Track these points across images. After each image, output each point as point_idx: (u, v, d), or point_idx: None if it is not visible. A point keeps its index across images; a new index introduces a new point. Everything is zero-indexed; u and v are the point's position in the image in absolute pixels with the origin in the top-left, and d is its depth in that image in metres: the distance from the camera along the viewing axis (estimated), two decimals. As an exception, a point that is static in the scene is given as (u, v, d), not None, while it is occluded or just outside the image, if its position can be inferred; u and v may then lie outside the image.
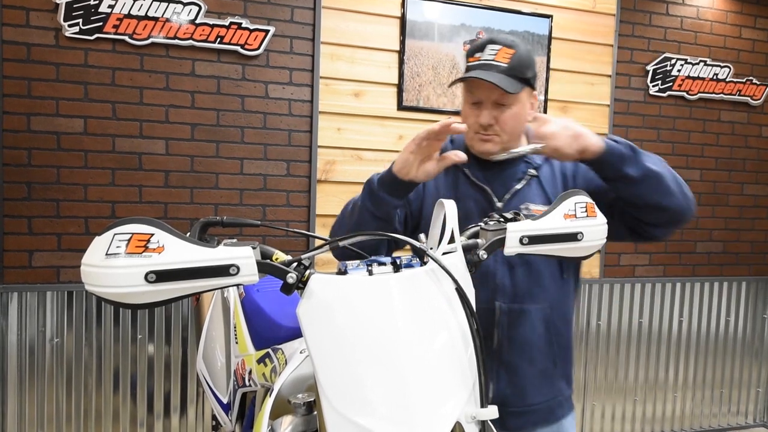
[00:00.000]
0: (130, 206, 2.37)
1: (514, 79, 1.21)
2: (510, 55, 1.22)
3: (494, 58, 1.22)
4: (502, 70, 1.21)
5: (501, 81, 1.19)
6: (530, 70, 1.26)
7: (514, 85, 1.21)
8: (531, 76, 1.26)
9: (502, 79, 1.19)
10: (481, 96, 1.24)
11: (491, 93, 1.22)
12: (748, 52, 3.22)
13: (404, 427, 0.76)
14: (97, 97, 2.31)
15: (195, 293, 0.79)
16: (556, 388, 1.35)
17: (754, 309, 3.37)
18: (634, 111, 3.05)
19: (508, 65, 1.21)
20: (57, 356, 2.34)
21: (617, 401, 3.15)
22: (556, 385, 1.35)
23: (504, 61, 1.21)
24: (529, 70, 1.25)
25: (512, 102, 1.23)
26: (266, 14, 2.47)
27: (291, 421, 1.00)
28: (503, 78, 1.20)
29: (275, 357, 1.25)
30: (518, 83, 1.22)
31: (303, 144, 2.56)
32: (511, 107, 1.24)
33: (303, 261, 0.84)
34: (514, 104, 1.24)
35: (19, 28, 2.22)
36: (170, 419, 2.48)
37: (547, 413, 1.34)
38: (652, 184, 1.16)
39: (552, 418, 1.35)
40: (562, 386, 1.37)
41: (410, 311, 0.83)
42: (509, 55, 1.22)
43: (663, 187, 1.17)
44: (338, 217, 1.35)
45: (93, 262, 0.74)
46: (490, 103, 1.23)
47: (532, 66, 1.27)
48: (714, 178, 3.23)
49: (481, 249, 0.95)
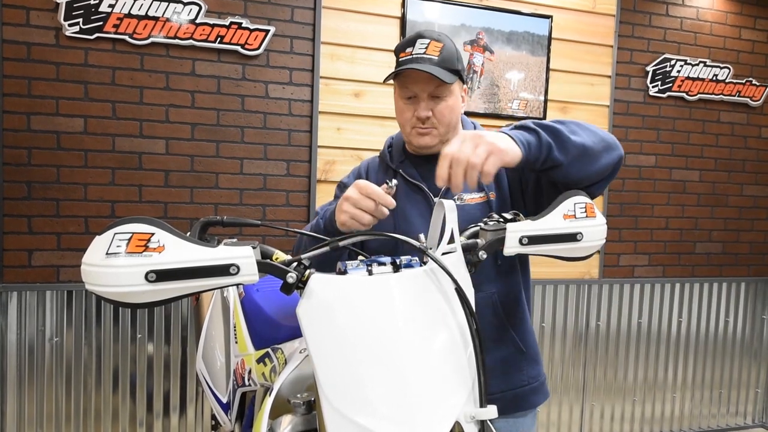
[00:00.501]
0: (130, 206, 2.37)
1: (447, 71, 1.23)
2: (439, 48, 1.24)
3: (425, 51, 1.23)
4: (435, 62, 1.22)
5: (437, 72, 1.21)
6: (459, 63, 1.28)
7: (449, 76, 1.22)
8: (461, 68, 1.28)
9: (438, 71, 1.21)
10: (416, 89, 1.25)
11: (427, 86, 1.24)
12: (747, 53, 3.23)
13: (404, 426, 0.76)
14: (97, 97, 2.31)
15: (195, 293, 0.79)
16: (526, 375, 1.34)
17: (753, 310, 3.38)
18: (634, 112, 3.05)
19: (439, 57, 1.23)
20: (56, 356, 2.34)
21: (616, 401, 3.15)
22: (525, 372, 1.34)
23: (435, 54, 1.23)
24: (458, 62, 1.27)
25: (447, 94, 1.25)
26: (266, 14, 2.47)
27: (290, 420, 1.00)
28: (438, 69, 1.22)
29: (275, 356, 1.25)
30: (451, 74, 1.23)
31: (303, 144, 2.56)
32: (446, 99, 1.26)
33: (303, 261, 0.84)
34: (449, 96, 1.26)
35: (20, 27, 2.22)
36: (170, 419, 2.48)
37: (513, 401, 1.32)
38: (583, 159, 1.09)
39: (524, 405, 1.34)
40: (531, 372, 1.35)
41: (410, 311, 0.83)
42: (439, 48, 1.24)
43: (593, 156, 1.11)
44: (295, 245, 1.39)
45: (93, 261, 0.74)
46: (425, 95, 1.25)
47: (461, 59, 1.29)
48: (713, 179, 3.23)
49: (481, 249, 0.95)
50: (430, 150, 1.31)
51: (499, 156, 0.98)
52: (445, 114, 1.27)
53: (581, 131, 1.11)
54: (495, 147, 0.98)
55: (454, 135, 1.29)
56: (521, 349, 1.33)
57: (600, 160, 1.12)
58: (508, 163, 1.01)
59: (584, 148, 1.08)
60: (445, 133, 1.29)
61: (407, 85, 1.27)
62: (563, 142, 1.07)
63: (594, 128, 1.15)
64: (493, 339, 1.29)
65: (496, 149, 0.98)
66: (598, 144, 1.11)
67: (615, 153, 1.14)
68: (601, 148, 1.12)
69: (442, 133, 1.29)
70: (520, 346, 1.33)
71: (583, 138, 1.09)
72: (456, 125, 1.32)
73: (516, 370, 1.33)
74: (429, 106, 1.26)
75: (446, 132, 1.29)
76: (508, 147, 1.01)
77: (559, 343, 3.02)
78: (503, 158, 0.99)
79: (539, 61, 2.83)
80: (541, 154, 1.05)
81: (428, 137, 1.29)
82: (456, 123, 1.31)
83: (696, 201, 3.21)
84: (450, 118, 1.28)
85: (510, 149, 1.01)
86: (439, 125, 1.28)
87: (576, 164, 1.09)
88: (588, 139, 1.10)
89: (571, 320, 3.03)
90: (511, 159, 1.01)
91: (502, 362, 1.31)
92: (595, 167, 1.11)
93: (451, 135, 1.30)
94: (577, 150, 1.08)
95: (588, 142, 1.09)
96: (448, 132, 1.30)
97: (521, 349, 1.33)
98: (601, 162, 1.12)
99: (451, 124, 1.29)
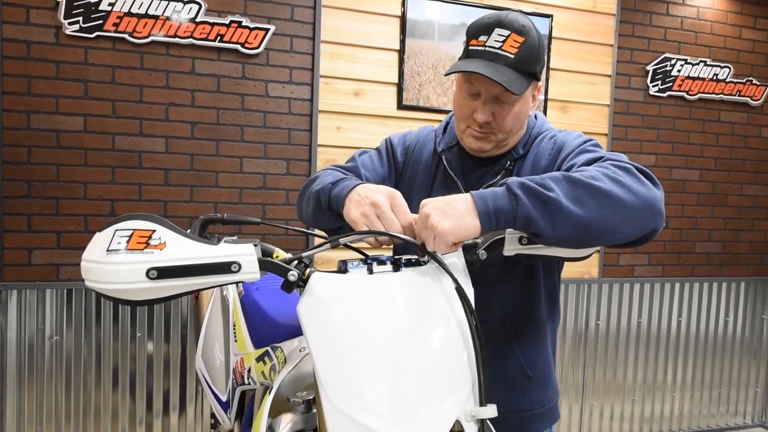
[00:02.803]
0: (129, 204, 2.37)
1: (521, 75, 1.05)
2: (519, 44, 1.04)
3: (501, 47, 1.04)
4: (509, 62, 1.04)
5: (507, 80, 1.03)
6: (539, 63, 1.09)
7: (520, 84, 1.05)
8: (539, 70, 1.10)
9: (509, 77, 1.03)
10: (481, 89, 1.08)
11: (493, 87, 1.06)
12: (748, 53, 3.23)
13: (404, 425, 0.76)
14: (97, 95, 2.31)
15: (196, 290, 0.79)
16: (530, 399, 1.21)
17: (752, 309, 3.38)
18: (634, 111, 3.05)
19: (515, 57, 1.04)
20: (56, 354, 2.34)
21: (616, 401, 3.15)
22: (528, 396, 1.21)
23: (512, 52, 1.04)
24: (538, 63, 1.08)
25: (515, 100, 1.08)
26: (266, 13, 2.47)
27: (290, 419, 1.00)
28: (509, 74, 1.04)
29: (274, 355, 1.25)
30: (525, 80, 1.06)
31: (303, 143, 2.56)
32: (513, 105, 1.09)
33: (303, 259, 0.84)
34: (517, 102, 1.09)
35: (20, 25, 2.21)
36: (169, 417, 2.48)
37: (513, 426, 1.18)
38: (582, 234, 0.87)
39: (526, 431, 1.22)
40: (537, 397, 1.22)
41: (410, 310, 0.83)
42: (518, 44, 1.04)
43: (600, 231, 0.87)
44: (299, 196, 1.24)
45: (94, 257, 0.74)
46: (489, 97, 1.08)
47: (542, 57, 1.09)
48: (713, 179, 3.23)
49: (481, 249, 0.95)
50: (481, 153, 1.18)
51: (444, 238, 0.84)
52: (508, 122, 1.11)
53: (596, 200, 0.86)
54: (438, 229, 0.84)
55: (516, 139, 1.17)
56: (526, 373, 1.19)
57: (612, 233, 0.89)
58: (462, 240, 0.87)
59: (586, 224, 0.86)
60: (504, 140, 1.14)
61: (471, 81, 1.09)
62: (553, 214, 0.85)
63: (623, 191, 0.88)
64: (495, 356, 1.16)
65: (438, 231, 0.84)
66: (615, 215, 0.87)
67: (643, 225, 0.91)
68: (621, 219, 0.87)
69: (500, 140, 1.14)
70: (525, 369, 1.19)
71: (589, 211, 0.85)
72: (520, 129, 1.17)
73: (518, 392, 1.20)
74: (491, 110, 1.09)
75: (505, 138, 1.14)
76: (456, 224, 0.84)
77: (559, 342, 3.02)
78: (449, 240, 0.85)
79: (539, 60, 2.82)
80: (515, 223, 0.87)
81: (483, 142, 1.14)
82: (521, 127, 1.17)
83: (696, 200, 3.21)
84: (513, 125, 1.12)
85: (459, 227, 0.85)
86: (499, 131, 1.12)
87: (572, 238, 0.88)
88: (600, 211, 0.86)
89: (570, 320, 3.03)
90: (464, 236, 0.86)
91: (502, 382, 1.16)
92: (602, 240, 0.90)
93: (513, 139, 1.16)
94: (574, 224, 0.85)
95: (596, 215, 0.86)
96: (508, 138, 1.15)
97: (526, 373, 1.19)
98: (614, 235, 0.89)
99: (513, 130, 1.14)
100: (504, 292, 1.17)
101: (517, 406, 1.20)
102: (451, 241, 0.85)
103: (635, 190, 0.89)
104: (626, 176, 0.91)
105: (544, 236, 0.87)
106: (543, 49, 1.10)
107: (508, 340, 1.18)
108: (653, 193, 0.92)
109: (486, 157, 1.19)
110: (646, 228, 0.92)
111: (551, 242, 0.89)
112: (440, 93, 2.71)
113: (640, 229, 0.91)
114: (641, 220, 0.90)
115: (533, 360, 1.21)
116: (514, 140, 1.18)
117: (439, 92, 2.70)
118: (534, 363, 1.21)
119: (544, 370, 1.23)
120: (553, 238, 0.87)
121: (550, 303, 1.23)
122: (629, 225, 0.89)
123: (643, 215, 0.90)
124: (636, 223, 0.90)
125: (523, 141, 1.20)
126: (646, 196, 0.90)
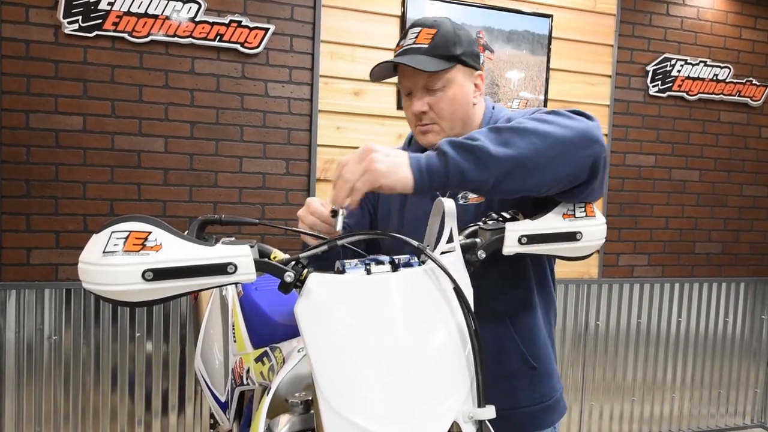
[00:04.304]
0: (128, 204, 2.37)
1: (436, 58, 1.11)
2: (431, 35, 1.13)
3: (415, 41, 1.14)
4: (422, 51, 1.12)
5: (417, 62, 1.09)
6: (458, 47, 1.13)
7: (435, 64, 1.10)
8: (462, 52, 1.14)
9: (420, 61, 1.10)
10: (409, 84, 1.16)
11: (418, 79, 1.14)
12: (748, 53, 3.22)
13: (401, 426, 0.76)
14: (96, 95, 2.31)
15: (193, 291, 0.79)
16: (538, 392, 1.20)
17: (752, 310, 3.37)
18: (634, 111, 3.05)
19: (429, 45, 1.12)
20: (55, 354, 2.34)
21: (615, 401, 3.15)
22: (537, 388, 1.20)
23: (425, 42, 1.12)
24: (456, 46, 1.13)
25: (445, 85, 1.14)
26: (266, 12, 2.47)
27: (288, 419, 0.99)
28: (422, 59, 1.10)
29: (273, 356, 1.25)
30: (443, 61, 1.12)
31: (302, 143, 2.56)
32: (444, 91, 1.14)
33: (301, 260, 0.84)
34: (448, 87, 1.14)
35: (19, 24, 2.21)
36: (168, 418, 2.48)
37: (523, 421, 1.19)
38: (520, 172, 0.90)
39: (538, 425, 1.21)
40: (545, 389, 1.21)
41: (408, 310, 0.83)
42: (431, 35, 1.13)
43: (537, 166, 0.91)
44: None
45: (90, 259, 0.74)
46: (419, 89, 1.15)
47: (463, 42, 1.15)
48: (713, 179, 3.23)
49: (480, 248, 0.95)
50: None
51: (373, 176, 0.86)
52: (444, 107, 1.15)
53: (523, 138, 0.91)
54: (372, 166, 0.86)
55: (469, 128, 1.18)
56: (530, 363, 1.19)
57: (552, 168, 0.92)
58: (389, 187, 0.88)
59: (519, 161, 0.89)
60: (451, 128, 1.17)
61: (402, 81, 1.18)
62: (482, 159, 0.88)
63: (551, 127, 0.93)
64: (495, 349, 1.17)
65: (372, 168, 0.86)
66: (549, 149, 0.91)
67: (580, 154, 0.93)
68: (555, 153, 0.91)
69: (446, 128, 1.17)
70: (528, 360, 1.19)
71: (519, 148, 0.90)
72: (465, 117, 1.19)
73: (525, 385, 1.19)
74: (425, 101, 1.15)
75: (451, 126, 1.17)
76: (390, 169, 0.87)
77: (559, 342, 3.01)
78: (378, 179, 0.86)
79: (539, 60, 2.82)
80: (448, 179, 0.89)
81: (431, 135, 1.18)
82: (464, 115, 1.18)
83: (695, 201, 3.20)
84: (452, 111, 1.16)
85: (392, 172, 0.87)
86: (441, 120, 1.16)
87: (511, 179, 0.90)
88: (530, 147, 0.90)
89: (570, 320, 3.03)
90: (392, 184, 0.87)
91: (507, 377, 1.18)
92: (544, 177, 0.92)
93: (463, 129, 1.17)
94: (506, 164, 0.89)
95: (527, 151, 0.90)
96: (455, 126, 1.17)
97: (531, 364, 1.19)
98: (555, 170, 0.92)
99: (455, 116, 1.16)
100: (493, 283, 1.16)
101: (527, 399, 1.19)
102: (370, 185, 0.87)
103: (564, 123, 0.94)
104: (553, 116, 0.96)
105: (480, 184, 0.90)
106: (463, 36, 1.15)
107: (507, 332, 1.18)
108: (584, 124, 0.94)
109: None
110: (585, 157, 0.94)
111: (491, 190, 0.91)
112: (440, 93, 2.70)
113: (581, 159, 0.93)
114: (577, 148, 0.93)
115: (535, 350, 1.20)
116: (468, 129, 1.18)
117: (439, 92, 2.70)
118: (536, 353, 1.20)
119: (546, 361, 1.22)
120: (489, 184, 0.90)
121: (542, 293, 1.23)
122: (567, 157, 0.92)
123: (579, 143, 0.93)
124: (573, 154, 0.92)
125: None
126: (576, 127, 0.93)
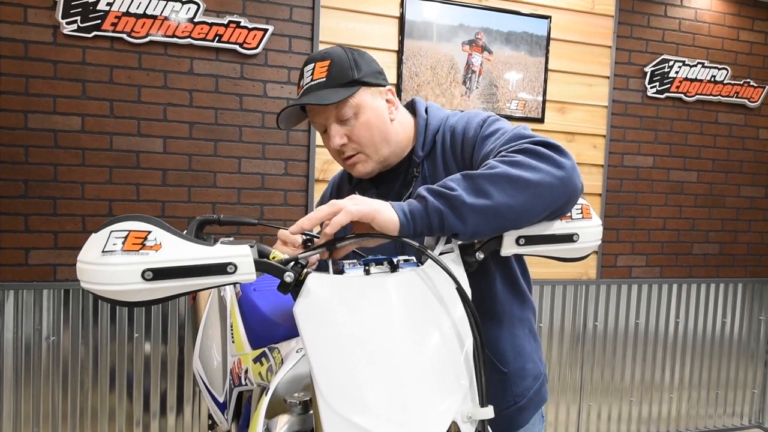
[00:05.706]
0: (127, 204, 2.37)
1: (339, 88, 1.09)
2: (326, 66, 1.11)
3: (312, 78, 1.11)
4: (322, 85, 1.10)
5: (320, 97, 1.08)
6: (356, 70, 1.11)
7: (336, 94, 1.08)
8: (361, 74, 1.11)
9: (322, 95, 1.08)
10: (321, 121, 1.14)
11: (328, 114, 1.12)
12: (745, 55, 3.23)
13: (400, 426, 0.76)
14: (94, 95, 2.31)
15: (192, 291, 0.79)
16: (511, 394, 1.19)
17: (750, 310, 3.38)
18: (632, 112, 3.05)
19: (326, 77, 1.10)
20: (53, 355, 2.34)
21: (613, 402, 3.15)
22: (509, 391, 1.19)
23: (322, 76, 1.10)
24: (354, 70, 1.11)
25: (356, 111, 1.11)
26: (265, 13, 2.47)
27: (287, 420, 1.00)
28: (322, 93, 1.09)
29: (271, 356, 1.25)
30: (344, 89, 1.09)
31: (301, 143, 2.56)
32: (357, 117, 1.12)
33: (300, 260, 0.84)
34: (360, 113, 1.12)
35: (17, 25, 2.21)
36: (166, 418, 2.48)
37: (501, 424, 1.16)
38: (494, 218, 0.89)
39: (515, 425, 1.20)
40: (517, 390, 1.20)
41: (407, 310, 0.83)
42: (325, 67, 1.10)
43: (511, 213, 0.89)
44: None
45: (89, 259, 0.74)
46: (332, 123, 1.12)
47: (359, 64, 1.12)
48: (711, 180, 3.24)
49: (477, 249, 0.95)
50: (372, 175, 1.19)
51: (366, 210, 0.86)
52: (362, 134, 1.12)
53: (497, 186, 0.89)
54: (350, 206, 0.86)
55: (390, 148, 1.17)
56: (499, 369, 1.17)
57: (528, 214, 0.91)
58: (381, 222, 0.87)
59: (495, 210, 0.88)
60: (375, 152, 1.15)
61: (313, 120, 1.16)
62: (458, 208, 0.88)
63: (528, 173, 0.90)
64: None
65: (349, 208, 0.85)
66: (527, 201, 0.90)
67: (558, 200, 0.92)
68: (533, 202, 0.90)
69: (371, 153, 1.15)
70: (496, 365, 1.17)
71: (494, 198, 0.88)
72: (387, 137, 1.16)
73: (497, 390, 1.16)
74: (341, 132, 1.12)
75: (376, 150, 1.14)
76: (377, 208, 0.87)
77: (557, 343, 3.02)
78: (370, 213, 0.86)
79: (538, 61, 2.83)
80: (430, 221, 0.89)
81: (360, 165, 1.16)
82: (385, 135, 1.15)
83: (693, 202, 3.21)
84: (370, 135, 1.13)
85: (379, 211, 0.87)
86: (363, 147, 1.13)
87: (487, 226, 0.89)
88: (506, 197, 0.89)
89: (568, 321, 3.03)
90: (384, 220, 0.87)
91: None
92: (521, 222, 0.92)
93: (385, 149, 1.16)
94: (481, 217, 0.88)
95: (503, 200, 0.88)
96: (380, 148, 1.15)
97: (499, 369, 1.17)
98: (531, 214, 0.91)
99: (375, 139, 1.14)
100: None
101: (500, 404, 1.16)
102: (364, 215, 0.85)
103: (541, 168, 0.91)
104: (524, 157, 0.93)
105: (458, 230, 0.89)
106: (356, 59, 1.13)
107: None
108: (562, 171, 0.92)
109: (386, 172, 1.21)
110: (562, 202, 0.93)
111: (468, 237, 0.91)
112: (438, 94, 2.71)
113: (558, 203, 0.93)
114: (555, 194, 0.91)
115: (503, 353, 1.18)
116: (390, 149, 1.17)
117: (438, 93, 2.70)
118: (504, 357, 1.18)
119: (516, 362, 1.19)
120: (468, 232, 0.89)
121: (512, 291, 1.20)
122: (543, 203, 0.91)
123: (557, 190, 0.91)
124: (549, 200, 0.91)
125: (420, 142, 1.18)
126: (555, 174, 0.91)
